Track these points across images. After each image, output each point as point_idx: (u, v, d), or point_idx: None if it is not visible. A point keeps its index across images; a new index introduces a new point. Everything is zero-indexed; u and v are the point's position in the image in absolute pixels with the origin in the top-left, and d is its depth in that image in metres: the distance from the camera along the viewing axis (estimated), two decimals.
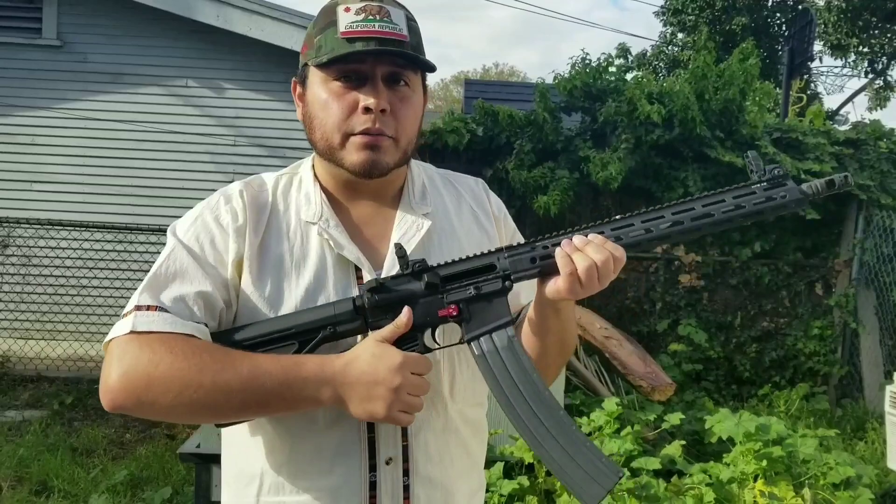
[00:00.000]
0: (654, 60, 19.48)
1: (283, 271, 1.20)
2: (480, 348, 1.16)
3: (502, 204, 1.44)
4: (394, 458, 1.18)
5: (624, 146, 5.89)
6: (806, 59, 10.62)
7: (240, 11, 6.29)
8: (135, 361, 1.08)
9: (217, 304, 1.17)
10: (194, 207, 1.26)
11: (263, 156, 6.62)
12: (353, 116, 1.20)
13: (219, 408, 1.10)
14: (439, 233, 1.29)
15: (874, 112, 18.10)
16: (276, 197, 1.27)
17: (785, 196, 1.17)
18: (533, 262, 1.16)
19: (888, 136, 6.47)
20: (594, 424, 3.34)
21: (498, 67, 36.58)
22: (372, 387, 1.08)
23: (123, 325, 1.11)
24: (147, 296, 1.13)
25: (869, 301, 6.26)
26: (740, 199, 1.17)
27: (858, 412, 5.65)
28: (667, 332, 6.26)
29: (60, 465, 4.31)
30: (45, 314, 6.40)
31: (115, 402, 1.09)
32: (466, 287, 1.16)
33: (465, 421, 1.28)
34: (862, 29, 16.80)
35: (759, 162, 1.19)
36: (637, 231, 1.17)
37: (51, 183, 6.54)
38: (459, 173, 1.45)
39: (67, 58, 6.55)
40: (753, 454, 2.86)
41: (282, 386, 1.09)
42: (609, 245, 1.13)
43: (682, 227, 1.18)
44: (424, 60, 1.23)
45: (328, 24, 1.21)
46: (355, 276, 1.21)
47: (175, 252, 1.18)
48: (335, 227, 1.23)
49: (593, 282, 1.12)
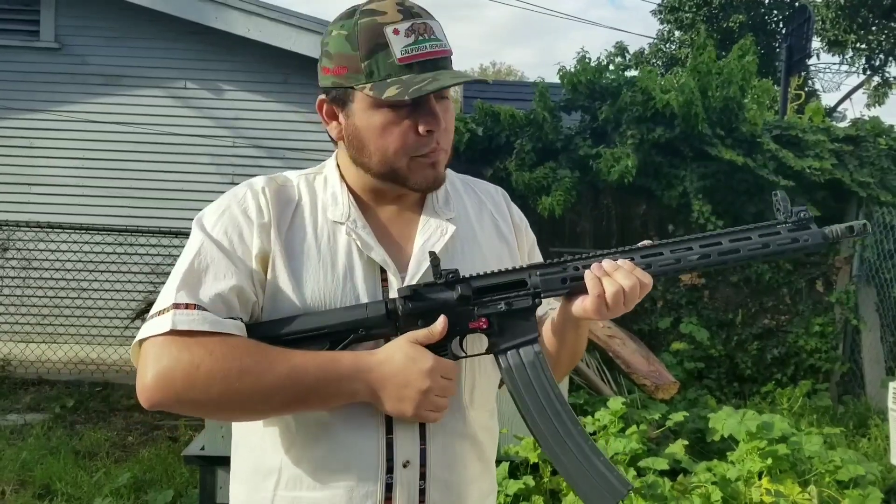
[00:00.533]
0: (651, 58, 19.48)
1: (312, 268, 1.20)
2: (507, 362, 1.21)
3: (523, 214, 1.46)
4: (411, 461, 1.19)
5: (630, 142, 5.88)
6: (804, 56, 10.61)
7: (238, 12, 6.28)
8: (174, 362, 1.08)
9: (250, 299, 1.18)
10: (219, 199, 1.25)
11: (262, 157, 6.61)
12: (415, 139, 1.20)
13: (259, 407, 1.14)
14: (462, 238, 1.30)
15: (872, 109, 18.12)
16: (302, 194, 1.28)
17: (808, 239, 1.22)
18: (563, 282, 1.21)
19: (888, 133, 6.47)
20: (599, 424, 3.34)
21: (495, 66, 36.62)
22: (403, 387, 1.13)
23: (161, 322, 1.10)
24: (184, 293, 1.12)
25: (870, 298, 6.26)
26: (766, 237, 1.23)
27: (860, 409, 5.65)
28: (668, 331, 6.26)
29: (63, 468, 4.30)
30: (45, 317, 6.40)
31: (152, 400, 1.10)
32: (498, 301, 1.20)
33: (481, 427, 1.29)
34: (860, 25, 16.81)
35: (787, 203, 1.23)
36: (667, 260, 1.22)
37: (50, 185, 6.54)
38: (480, 180, 1.47)
39: (65, 60, 6.55)
40: (758, 452, 2.86)
41: (318, 383, 1.12)
42: (638, 272, 1.18)
43: (709, 260, 1.22)
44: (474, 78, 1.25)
45: (377, 47, 1.18)
46: (380, 277, 1.23)
47: (205, 246, 1.18)
48: (363, 228, 1.24)
49: (619, 306, 1.17)
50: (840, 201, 6.34)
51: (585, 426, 3.44)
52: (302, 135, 6.56)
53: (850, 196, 6.29)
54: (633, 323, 6.26)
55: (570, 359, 1.37)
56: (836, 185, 6.21)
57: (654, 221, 6.56)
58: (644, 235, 6.57)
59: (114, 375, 6.19)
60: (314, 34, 6.18)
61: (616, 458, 3.02)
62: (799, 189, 6.13)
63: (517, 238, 1.40)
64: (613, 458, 3.00)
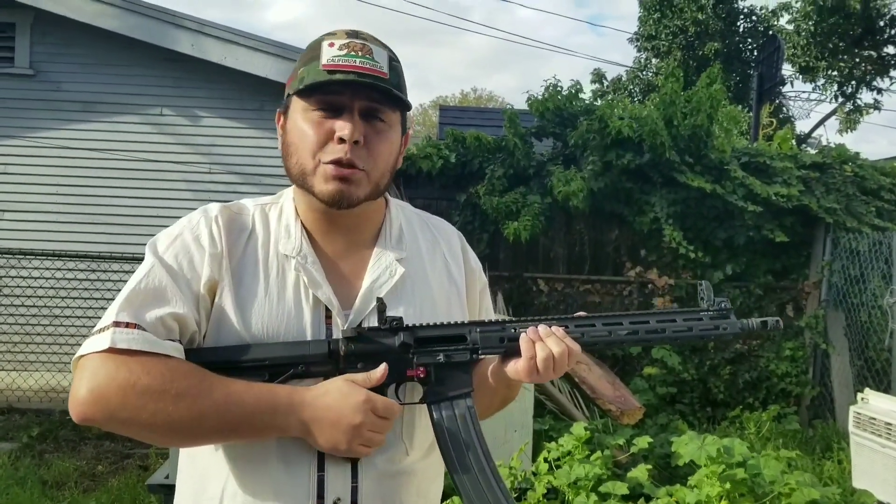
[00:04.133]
0: (629, 85, 19.74)
1: (259, 300, 1.22)
2: (440, 413, 1.24)
3: (478, 259, 1.49)
4: (342, 499, 1.20)
5: (591, 167, 5.97)
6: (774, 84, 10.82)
7: (213, 40, 6.33)
8: (110, 379, 1.09)
9: (191, 326, 1.19)
10: (174, 224, 1.28)
11: (239, 183, 6.63)
12: (327, 145, 1.23)
13: (191, 431, 1.14)
14: (412, 280, 1.32)
15: (844, 135, 18.41)
16: (256, 224, 1.30)
17: (727, 328, 1.31)
18: (501, 341, 1.25)
19: (853, 160, 6.61)
20: (563, 450, 3.36)
21: (476, 92, 36.86)
22: (336, 422, 1.14)
23: (100, 340, 1.12)
24: (126, 313, 1.14)
25: (838, 322, 6.35)
26: (689, 321, 1.31)
27: (829, 432, 5.70)
28: (641, 356, 6.31)
29: (30, 498, 4.26)
30: (16, 344, 6.34)
31: (84, 414, 1.10)
32: (437, 353, 1.24)
33: (422, 465, 1.30)
34: (831, 53, 17.14)
35: (710, 292, 1.33)
36: (599, 332, 1.28)
37: (23, 212, 6.51)
38: (439, 218, 1.49)
39: (40, 86, 6.55)
40: (717, 476, 2.90)
41: (253, 413, 1.13)
42: (568, 340, 1.23)
43: (637, 336, 1.29)
44: (399, 95, 1.25)
45: (312, 58, 1.25)
46: (325, 314, 1.24)
47: (154, 270, 1.20)
48: (312, 264, 1.26)
49: (549, 370, 1.22)
50: (807, 227, 6.46)
51: (550, 451, 3.46)
52: (278, 161, 6.46)
53: (817, 222, 6.40)
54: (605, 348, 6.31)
55: (501, 404, 1.43)
56: (804, 211, 6.31)
57: (626, 247, 6.63)
58: (617, 261, 6.65)
59: None
60: (290, 62, 6.24)
61: (578, 483, 3.05)
62: (767, 215, 6.24)
63: (468, 282, 1.42)
64: (576, 484, 3.03)
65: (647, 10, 18.97)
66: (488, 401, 1.35)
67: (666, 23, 18.48)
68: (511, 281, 6.24)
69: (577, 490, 3.03)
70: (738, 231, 6.29)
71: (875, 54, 17.39)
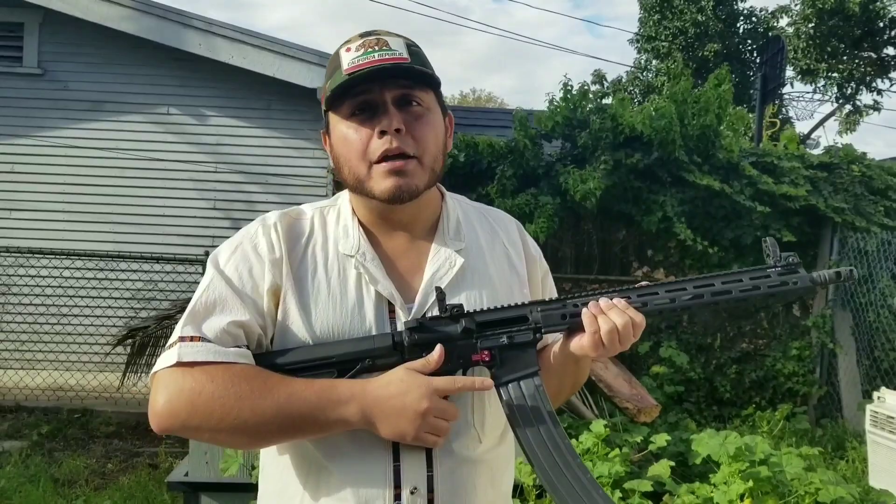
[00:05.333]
0: (628, 86, 19.79)
1: (322, 301, 1.24)
2: (508, 394, 1.23)
3: (537, 245, 1.49)
4: (419, 488, 1.20)
5: (603, 167, 5.97)
6: (778, 85, 10.84)
7: (222, 40, 6.33)
8: (179, 390, 1.14)
9: (255, 332, 1.21)
10: (234, 236, 1.30)
11: (245, 182, 6.63)
12: (371, 144, 1.23)
13: (257, 432, 1.16)
14: (472, 270, 1.32)
15: (843, 136, 18.48)
16: (315, 227, 1.31)
17: (797, 283, 1.28)
18: (563, 318, 1.25)
19: (860, 160, 6.62)
20: (582, 447, 3.36)
21: (475, 93, 36.87)
22: (401, 409, 1.14)
23: (169, 356, 1.16)
24: (190, 328, 1.18)
25: (845, 322, 6.36)
26: (757, 280, 1.28)
27: (838, 431, 5.72)
28: (648, 355, 6.32)
29: (42, 496, 4.26)
30: (24, 343, 6.34)
31: (161, 425, 1.16)
32: (500, 335, 1.23)
33: (492, 453, 1.30)
34: (830, 55, 17.20)
35: (776, 248, 1.30)
36: (661, 300, 1.26)
37: (31, 211, 6.51)
38: (496, 209, 1.48)
39: (48, 86, 6.56)
40: (740, 474, 2.90)
41: (315, 408, 1.14)
42: (630, 311, 1.22)
43: (702, 300, 1.27)
44: (424, 71, 1.25)
45: (334, 69, 1.26)
46: (388, 309, 1.25)
47: (214, 282, 1.23)
48: (371, 261, 1.27)
49: (614, 343, 1.20)
50: (815, 227, 6.47)
51: None
52: (284, 160, 6.59)
53: (825, 221, 6.41)
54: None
55: (571, 389, 1.43)
56: (812, 211, 6.33)
57: (633, 246, 6.64)
58: (625, 260, 6.66)
59: (93, 402, 6.14)
60: (297, 61, 6.25)
61: (601, 480, 3.05)
62: (775, 214, 6.25)
63: (529, 269, 1.42)
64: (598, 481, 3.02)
65: (647, 11, 19.02)
66: (558, 383, 1.34)
67: (666, 24, 18.54)
68: None
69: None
70: (745, 231, 6.29)
71: (874, 55, 17.46)
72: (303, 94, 6.23)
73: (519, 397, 1.23)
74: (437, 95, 1.32)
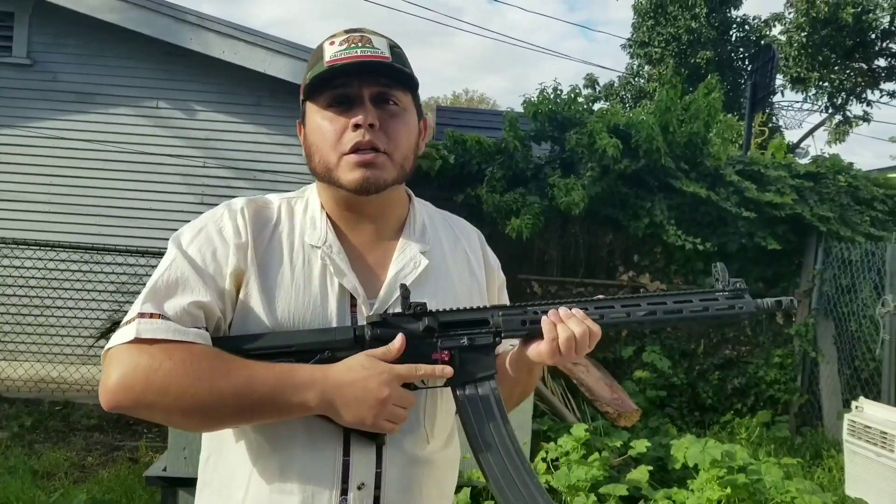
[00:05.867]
0: (620, 91, 19.83)
1: (285, 289, 1.24)
2: (464, 395, 1.24)
3: (496, 257, 1.51)
4: (366, 484, 1.21)
5: (589, 174, 6.00)
6: (768, 94, 10.89)
7: (213, 34, 6.31)
8: (134, 365, 1.12)
9: (215, 314, 1.21)
10: (198, 218, 1.29)
11: (233, 178, 6.61)
12: (345, 136, 1.25)
13: (213, 413, 1.15)
14: (435, 271, 1.34)
15: (833, 146, 18.59)
16: (282, 216, 1.31)
17: (742, 307, 1.32)
18: (523, 324, 1.26)
19: (847, 171, 6.67)
20: (561, 450, 3.37)
21: (468, 94, 36.93)
22: (361, 395, 1.15)
23: (127, 331, 1.15)
24: (150, 305, 1.16)
25: (828, 331, 6.40)
26: (706, 302, 1.32)
27: (818, 440, 5.75)
28: (631, 359, 6.34)
29: (21, 488, 4.23)
30: (6, 334, 6.30)
31: (112, 401, 1.14)
32: (461, 336, 1.25)
33: (441, 455, 1.32)
34: (822, 64, 17.29)
35: (725, 273, 1.34)
36: (617, 314, 1.29)
37: (16, 202, 6.47)
38: (459, 217, 1.51)
39: (37, 76, 6.51)
40: (718, 481, 2.92)
41: (274, 391, 1.14)
42: (589, 321, 1.24)
43: (655, 317, 1.31)
44: (405, 74, 1.27)
45: (316, 60, 1.28)
46: (350, 303, 1.26)
47: (177, 261, 1.22)
48: (338, 254, 1.28)
49: (571, 351, 1.23)
50: (800, 235, 6.51)
51: (548, 452, 3.48)
52: (273, 156, 6.57)
53: (810, 230, 6.45)
54: (597, 351, 6.31)
55: (520, 396, 1.44)
56: (797, 220, 6.37)
57: (620, 251, 6.66)
58: (611, 264, 6.68)
59: (75, 394, 6.10)
60: (288, 57, 6.23)
61: (578, 484, 3.06)
62: (760, 222, 6.29)
63: (487, 278, 1.44)
64: (575, 485, 3.04)
65: (641, 16, 19.06)
66: (508, 391, 1.35)
67: (659, 30, 18.58)
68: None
69: (575, 491, 3.05)
70: (730, 238, 6.33)
71: (866, 66, 17.56)
72: (293, 91, 6.17)
73: (474, 399, 1.24)
74: (414, 98, 1.34)
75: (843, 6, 15.96)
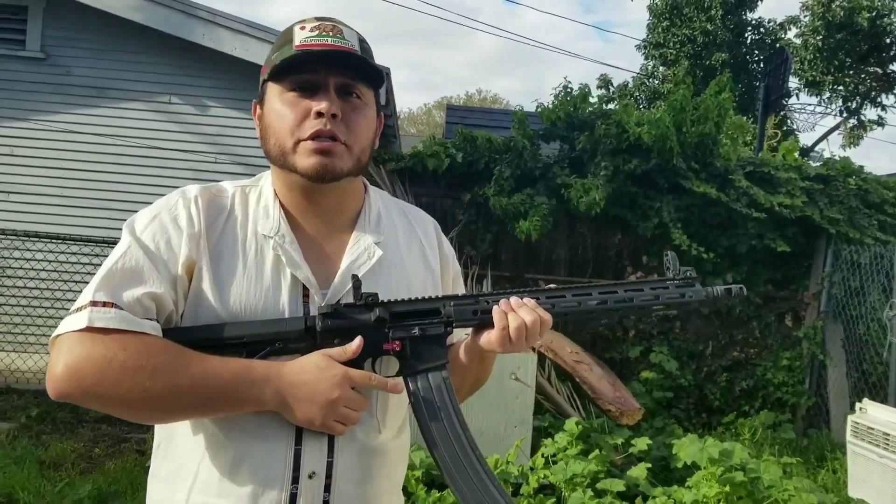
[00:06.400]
0: (634, 92, 19.79)
1: (237, 279, 1.23)
2: (416, 385, 1.26)
3: (451, 247, 1.52)
4: (317, 473, 1.21)
5: (604, 173, 5.98)
6: (781, 96, 10.85)
7: (226, 31, 6.35)
8: (86, 355, 1.11)
9: (167, 306, 1.20)
10: (152, 205, 1.29)
11: (244, 174, 6.62)
12: (305, 121, 1.25)
13: (169, 406, 1.15)
14: (389, 262, 1.34)
15: (846, 150, 18.48)
16: (235, 205, 1.31)
17: (692, 295, 1.34)
18: (474, 314, 1.28)
19: (857, 174, 6.63)
20: (558, 446, 3.38)
21: (481, 94, 36.91)
22: (311, 396, 1.16)
23: (78, 319, 1.13)
24: (103, 293, 1.15)
25: (836, 334, 6.37)
26: (656, 290, 1.34)
27: (824, 442, 5.72)
28: (639, 360, 6.33)
29: (27, 478, 4.27)
30: (17, 326, 6.36)
31: (60, 390, 1.12)
32: (412, 326, 1.26)
33: (393, 445, 1.32)
34: (837, 68, 17.20)
35: (676, 262, 1.36)
36: (568, 302, 1.31)
37: (28, 194, 6.53)
38: (416, 207, 1.51)
39: (50, 70, 6.57)
40: (716, 479, 2.91)
41: (228, 387, 1.14)
42: (540, 310, 1.26)
43: (606, 306, 1.32)
44: (372, 69, 1.28)
45: (284, 42, 1.28)
46: (303, 293, 1.26)
47: (131, 249, 1.21)
48: (290, 244, 1.27)
49: (521, 340, 1.24)
50: (810, 237, 6.48)
51: (546, 447, 3.48)
52: None
53: (819, 232, 6.42)
54: (604, 351, 6.33)
55: (473, 386, 1.44)
56: (807, 222, 6.34)
57: (629, 251, 6.65)
58: (619, 265, 6.67)
59: None
60: None
61: (575, 479, 3.06)
62: (770, 224, 6.26)
63: (442, 268, 1.45)
64: (572, 480, 3.05)
65: (656, 17, 19.02)
66: (460, 380, 1.36)
67: (675, 31, 18.54)
68: (512, 281, 6.25)
69: (573, 486, 3.05)
70: (740, 239, 6.31)
71: (881, 71, 17.46)
72: None
73: (426, 389, 1.26)
74: (376, 95, 1.34)
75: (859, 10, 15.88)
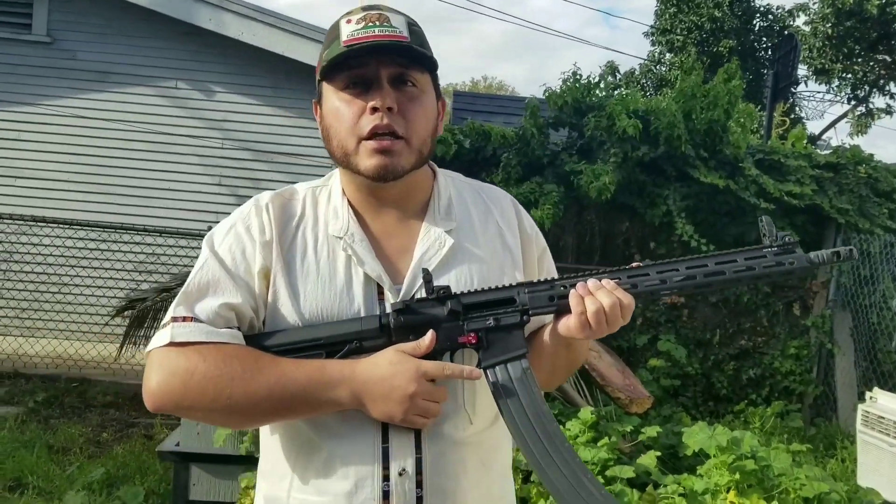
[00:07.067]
0: (641, 79, 19.71)
1: (311, 283, 1.24)
2: (495, 376, 1.22)
3: (534, 222, 1.47)
4: (407, 470, 1.20)
5: (613, 160, 5.95)
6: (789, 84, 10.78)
7: (232, 15, 6.33)
8: (172, 370, 1.16)
9: (247, 314, 1.23)
10: (230, 216, 1.31)
11: (250, 159, 6.64)
12: (362, 119, 1.23)
13: (249, 412, 1.19)
14: (462, 250, 1.31)
15: (855, 138, 18.40)
16: (306, 208, 1.32)
17: (793, 262, 1.23)
18: (551, 300, 1.24)
19: (867, 162, 6.58)
20: (570, 434, 3.37)
21: (486, 81, 36.78)
22: (389, 391, 1.16)
23: (163, 335, 1.19)
24: (182, 308, 1.20)
25: (845, 323, 6.34)
26: (751, 260, 1.24)
27: (832, 431, 5.72)
28: (646, 348, 6.31)
29: (36, 462, 4.29)
30: (24, 311, 6.37)
31: (155, 404, 1.18)
32: (487, 317, 1.23)
33: (486, 435, 1.30)
34: (846, 56, 17.10)
35: (772, 227, 1.26)
36: (652, 281, 1.24)
37: (35, 179, 6.54)
38: (491, 186, 1.47)
39: (57, 55, 6.57)
40: (727, 466, 2.91)
41: (305, 389, 1.16)
42: (619, 292, 1.20)
43: (695, 281, 1.24)
44: (423, 53, 1.24)
45: (333, 39, 1.26)
46: (377, 291, 1.25)
47: (208, 263, 1.25)
48: (360, 243, 1.27)
49: (602, 324, 1.19)
50: (819, 226, 6.44)
51: None
52: (290, 139, 6.59)
53: (828, 222, 6.38)
54: (611, 339, 6.31)
55: (566, 372, 1.42)
56: (816, 211, 6.30)
57: (636, 239, 6.62)
58: (627, 252, 6.64)
59: (91, 371, 6.18)
60: (307, 40, 6.23)
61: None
62: (779, 213, 6.22)
63: (525, 247, 1.40)
64: None
65: (663, 3, 18.91)
66: (551, 367, 1.33)
67: (682, 17, 18.44)
68: None
69: None
70: (749, 228, 6.26)
71: (889, 59, 17.35)
72: (311, 73, 6.17)
73: (506, 380, 1.22)
74: (433, 78, 1.31)
75: None
